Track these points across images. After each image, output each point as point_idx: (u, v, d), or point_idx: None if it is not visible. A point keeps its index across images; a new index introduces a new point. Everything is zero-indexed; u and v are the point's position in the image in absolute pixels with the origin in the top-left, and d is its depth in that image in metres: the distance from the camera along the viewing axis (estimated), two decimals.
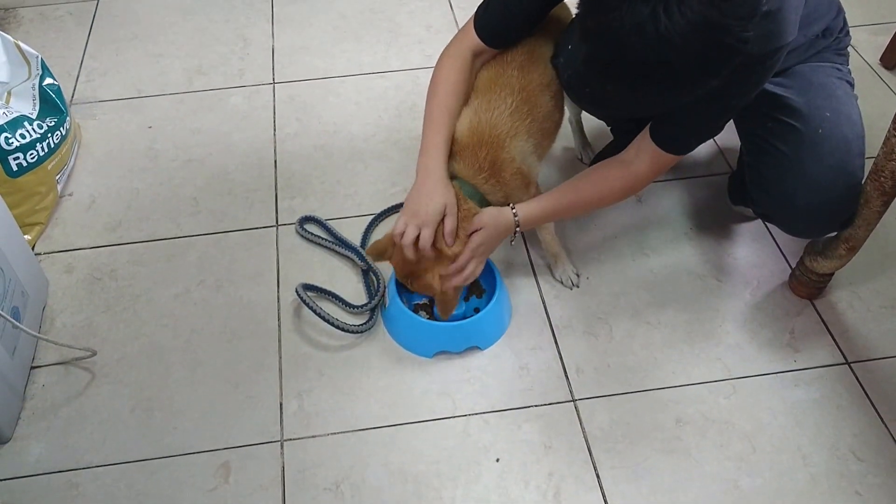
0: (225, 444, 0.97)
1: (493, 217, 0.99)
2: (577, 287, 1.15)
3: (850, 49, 1.10)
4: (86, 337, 1.09)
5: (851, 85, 1.07)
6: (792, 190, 0.99)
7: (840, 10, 1.07)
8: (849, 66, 1.08)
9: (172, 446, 0.97)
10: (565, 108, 1.20)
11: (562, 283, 1.15)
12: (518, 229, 1.01)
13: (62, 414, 1.00)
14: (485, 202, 1.00)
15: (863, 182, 1.00)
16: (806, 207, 0.99)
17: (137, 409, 1.01)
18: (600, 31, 0.73)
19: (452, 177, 1.01)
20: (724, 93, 0.86)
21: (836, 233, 1.05)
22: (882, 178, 0.95)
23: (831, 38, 1.04)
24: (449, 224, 0.96)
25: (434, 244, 0.96)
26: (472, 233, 0.98)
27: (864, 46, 1.57)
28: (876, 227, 1.16)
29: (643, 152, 0.97)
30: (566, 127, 1.31)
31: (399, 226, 0.96)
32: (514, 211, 1.00)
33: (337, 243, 1.20)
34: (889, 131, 0.90)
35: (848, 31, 1.09)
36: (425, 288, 0.99)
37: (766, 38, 0.83)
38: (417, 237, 0.95)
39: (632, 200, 1.28)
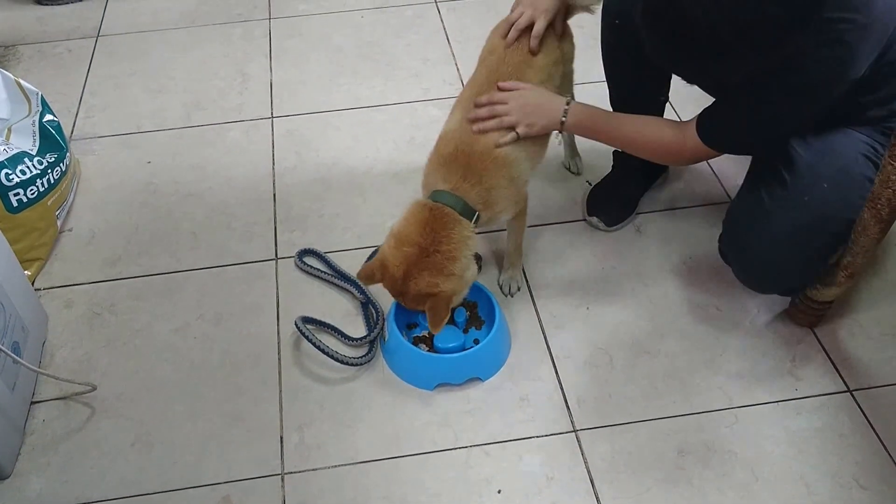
0: (226, 478, 1.04)
1: (545, 93, 1.11)
2: (512, 297, 1.25)
3: None
4: (86, 372, 1.17)
5: (876, 165, 1.07)
6: (750, 239, 1.08)
7: None
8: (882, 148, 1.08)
9: (173, 481, 1.04)
10: None
11: (501, 287, 1.27)
12: (565, 119, 1.10)
13: (62, 449, 1.08)
14: (470, 211, 1.07)
15: (826, 264, 1.06)
16: (753, 260, 1.09)
17: (138, 443, 1.08)
18: None
19: (435, 194, 1.06)
20: (765, 92, 0.93)
21: (783, 295, 1.14)
22: (879, 206, 1.02)
23: (884, 116, 1.06)
24: (539, 24, 1.10)
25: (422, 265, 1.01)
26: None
27: None
28: (875, 254, 1.26)
29: (693, 136, 1.06)
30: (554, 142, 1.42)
31: (514, 12, 1.12)
32: (568, 101, 1.11)
33: (336, 276, 1.30)
34: (885, 159, 0.98)
35: None
36: (418, 299, 1.03)
37: (826, 65, 0.90)
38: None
39: (631, 230, 1.39)
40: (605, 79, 1.33)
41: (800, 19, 0.82)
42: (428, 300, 1.01)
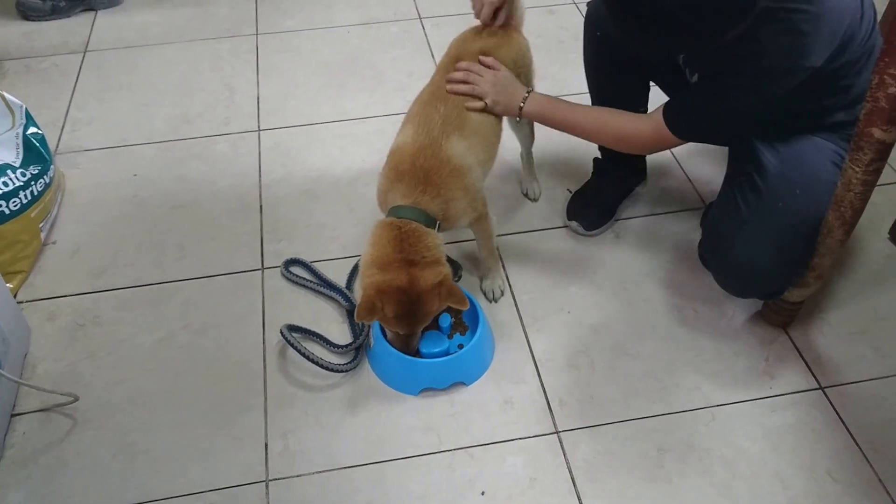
0: (210, 486, 1.04)
1: (515, 81, 1.18)
2: (496, 302, 1.28)
3: None
4: (68, 383, 1.17)
5: (839, 167, 1.11)
6: (728, 245, 1.13)
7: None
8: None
9: (156, 490, 1.04)
10: (518, 142, 1.39)
11: (485, 294, 1.30)
12: (523, 105, 1.18)
13: (43, 461, 1.07)
14: (431, 220, 1.10)
15: (797, 269, 1.10)
16: (732, 266, 1.13)
17: (120, 454, 1.08)
18: None
19: (398, 210, 1.09)
20: (727, 81, 0.99)
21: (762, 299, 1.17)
22: (842, 209, 1.07)
23: (851, 122, 1.08)
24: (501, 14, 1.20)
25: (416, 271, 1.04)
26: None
27: None
28: (843, 256, 1.31)
29: (653, 119, 1.12)
30: (516, 163, 1.47)
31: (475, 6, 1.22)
32: (528, 91, 1.18)
33: (322, 285, 1.32)
34: (847, 163, 1.03)
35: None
36: (431, 297, 1.04)
37: (787, 49, 0.96)
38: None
39: (610, 236, 1.43)
40: (587, 90, 1.38)
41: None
42: (440, 289, 1.04)
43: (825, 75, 1.02)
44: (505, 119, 1.29)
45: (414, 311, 1.06)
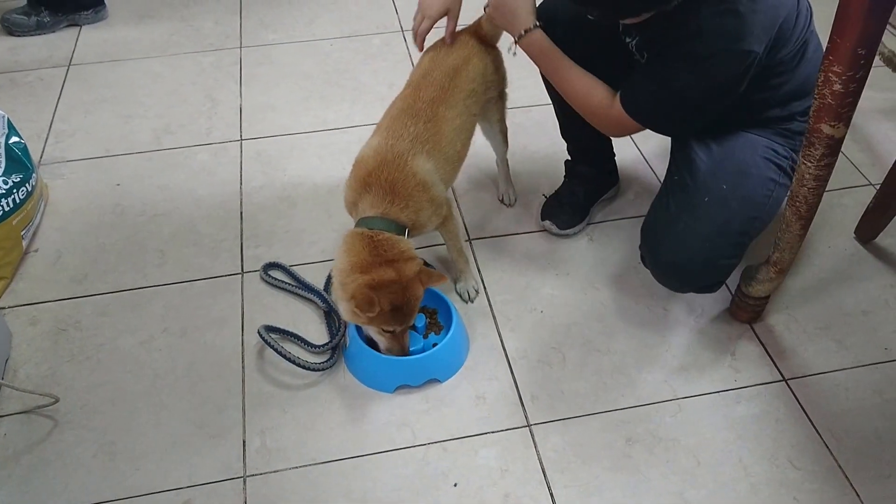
0: (188, 483, 1.07)
1: (526, 4, 1.18)
2: (472, 302, 1.33)
3: None
4: (49, 386, 1.20)
5: (784, 170, 1.18)
6: (659, 243, 1.19)
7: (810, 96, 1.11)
8: (795, 155, 1.17)
9: (135, 487, 1.07)
10: (494, 150, 1.45)
11: (460, 295, 1.34)
12: (523, 35, 1.17)
13: (24, 461, 1.10)
14: (401, 228, 1.15)
15: (730, 263, 1.15)
16: (664, 263, 1.19)
17: (100, 453, 1.11)
18: None
19: (368, 221, 1.14)
20: (669, 63, 1.05)
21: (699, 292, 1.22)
22: (798, 204, 1.13)
23: (784, 112, 1.16)
24: (449, 25, 1.27)
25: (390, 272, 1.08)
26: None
27: None
28: (808, 254, 1.38)
29: (618, 97, 1.14)
30: (492, 169, 1.53)
31: (415, 20, 1.29)
32: (536, 24, 1.18)
33: (300, 287, 1.36)
34: (800, 160, 1.09)
35: (808, 118, 1.09)
36: (415, 284, 1.10)
37: (723, 31, 1.01)
38: None
39: (584, 239, 1.48)
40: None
41: None
42: (420, 275, 1.10)
43: (758, 72, 1.07)
44: (479, 128, 1.35)
45: (407, 299, 1.11)
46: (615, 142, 1.48)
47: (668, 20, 1.05)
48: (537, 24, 1.19)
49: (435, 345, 1.24)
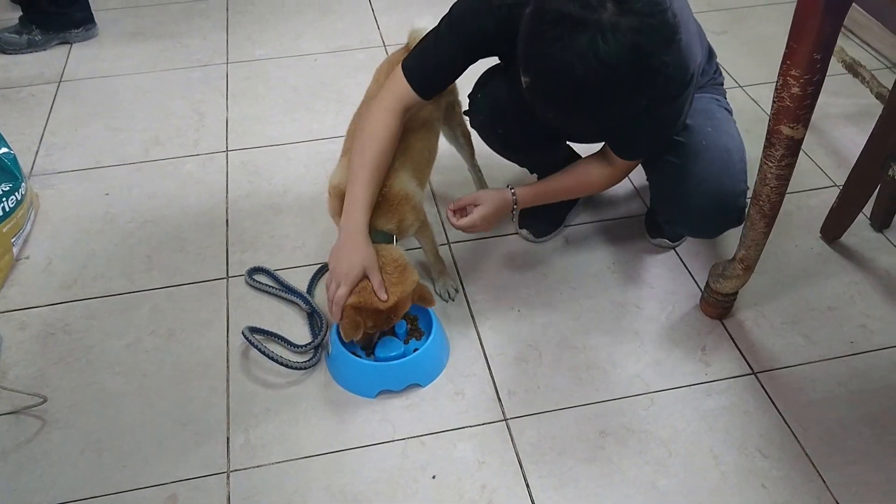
0: (173, 478, 1.11)
1: (492, 195, 1.27)
2: (453, 300, 1.39)
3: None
4: (38, 387, 1.24)
5: (730, 111, 1.38)
6: (685, 193, 1.27)
7: (712, 55, 1.39)
8: (726, 99, 1.39)
9: (121, 483, 1.11)
10: (461, 154, 1.51)
11: (440, 295, 1.40)
12: (516, 207, 1.28)
13: (11, 460, 1.14)
14: (389, 237, 1.21)
15: (747, 185, 1.26)
16: (698, 207, 1.27)
17: (87, 450, 1.15)
18: (543, 62, 0.96)
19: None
20: (659, 112, 1.14)
21: (733, 228, 1.30)
22: (760, 202, 1.20)
23: (708, 77, 1.36)
24: (375, 280, 1.15)
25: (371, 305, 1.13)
26: (474, 206, 1.25)
27: (766, 102, 1.95)
28: (776, 253, 1.44)
29: (611, 159, 1.27)
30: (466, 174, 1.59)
31: (330, 287, 1.16)
32: (512, 191, 1.28)
33: (283, 290, 1.42)
34: (762, 160, 1.16)
35: (720, 73, 1.43)
36: (405, 303, 1.15)
37: (680, 64, 1.11)
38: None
39: (560, 241, 1.54)
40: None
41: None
42: (413, 295, 1.16)
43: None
44: (442, 136, 1.43)
45: (390, 319, 1.18)
46: (581, 148, 1.54)
47: None
48: (513, 193, 1.29)
49: (416, 350, 1.28)
